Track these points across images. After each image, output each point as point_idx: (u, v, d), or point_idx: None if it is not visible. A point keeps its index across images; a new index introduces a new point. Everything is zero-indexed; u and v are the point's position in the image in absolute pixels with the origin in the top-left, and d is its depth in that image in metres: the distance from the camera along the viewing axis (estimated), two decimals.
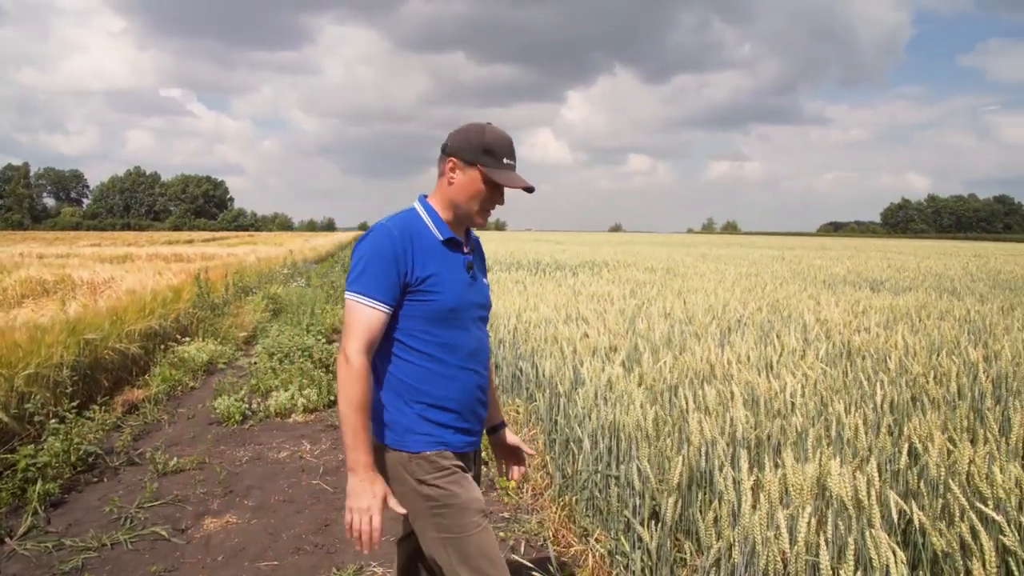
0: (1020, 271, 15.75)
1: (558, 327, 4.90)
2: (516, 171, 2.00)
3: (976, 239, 77.46)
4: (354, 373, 1.82)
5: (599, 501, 3.31)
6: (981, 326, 5.62)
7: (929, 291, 9.32)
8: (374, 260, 1.88)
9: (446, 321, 1.95)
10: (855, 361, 3.98)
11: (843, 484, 2.05)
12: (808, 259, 17.75)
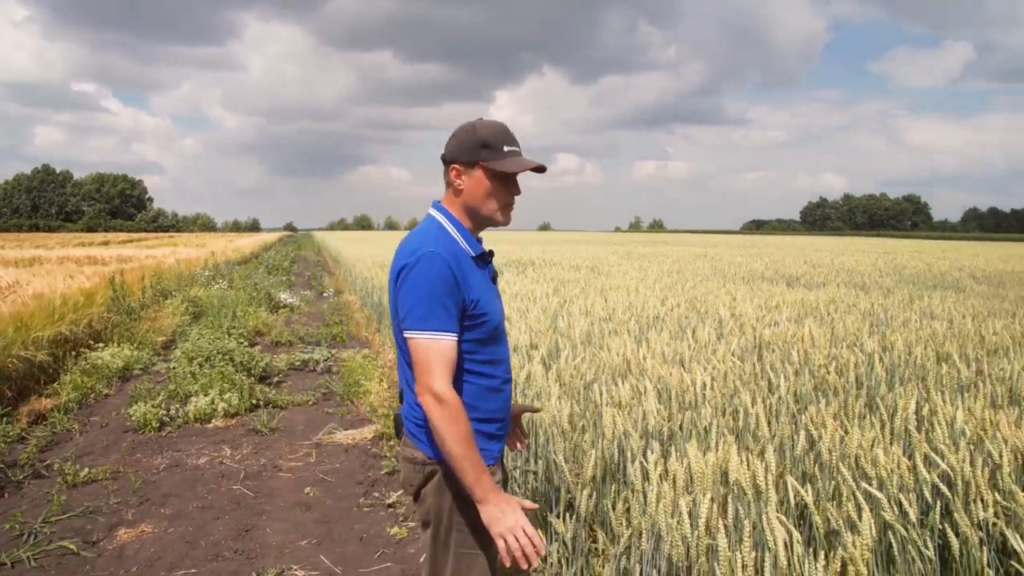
0: (923, 266, 16.61)
1: None
2: (522, 155, 1.93)
3: (887, 236, 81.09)
4: (452, 410, 1.76)
5: (517, 496, 3.36)
6: (883, 318, 5.92)
7: (840, 286, 9.75)
8: (437, 290, 1.81)
9: (492, 339, 1.94)
10: (764, 354, 4.15)
11: (742, 471, 2.15)
12: (729, 256, 18.28)
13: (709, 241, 40.06)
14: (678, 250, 23.47)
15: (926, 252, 25.98)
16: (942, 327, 5.17)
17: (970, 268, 16.19)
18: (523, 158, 1.91)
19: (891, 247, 32.71)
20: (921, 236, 79.20)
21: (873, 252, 24.86)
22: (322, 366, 7.91)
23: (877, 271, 13.84)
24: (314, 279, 19.75)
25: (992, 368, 3.78)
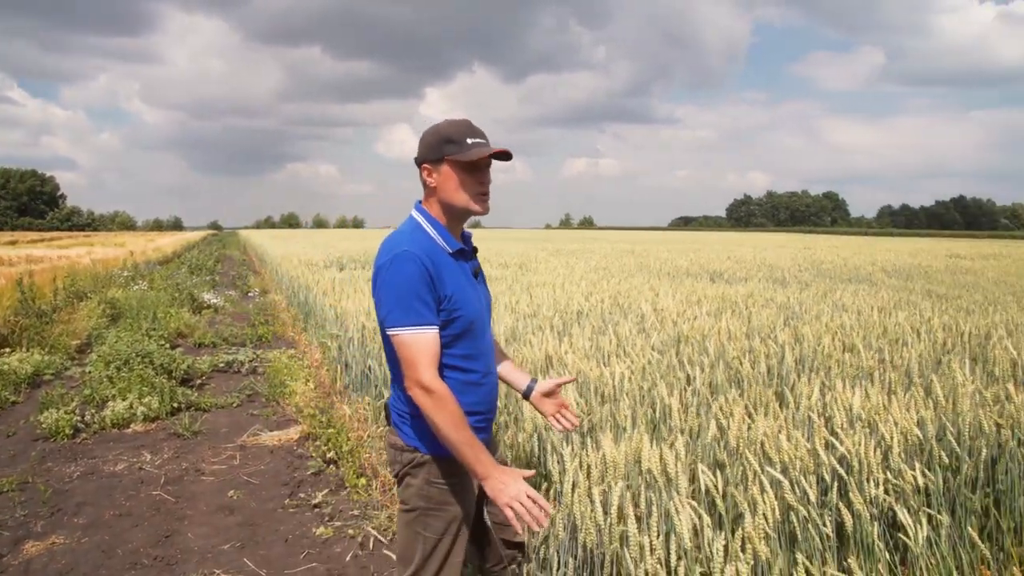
0: (840, 261, 17.31)
1: None
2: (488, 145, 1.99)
3: (807, 231, 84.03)
4: (441, 399, 1.87)
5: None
6: (798, 311, 6.17)
7: (761, 281, 10.09)
8: (413, 287, 1.89)
9: (468, 333, 2.00)
10: (683, 347, 4.29)
11: (653, 460, 2.24)
12: (656, 252, 18.67)
13: (638, 238, 40.80)
14: (606, 247, 23.83)
15: (843, 247, 27.05)
16: (851, 319, 5.43)
17: (882, 263, 16.96)
18: (485, 146, 1.97)
19: (811, 243, 33.93)
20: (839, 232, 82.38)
21: (794, 247, 25.75)
22: (247, 367, 7.77)
23: (796, 266, 14.36)
24: (240, 279, 19.30)
25: (892, 356, 4.00)
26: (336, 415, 5.34)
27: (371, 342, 5.18)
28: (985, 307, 7.04)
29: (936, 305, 7.07)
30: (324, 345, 6.92)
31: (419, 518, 2.05)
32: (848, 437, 2.50)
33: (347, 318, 6.12)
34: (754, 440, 2.48)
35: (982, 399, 2.96)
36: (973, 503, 2.64)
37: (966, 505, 2.63)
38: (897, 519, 2.35)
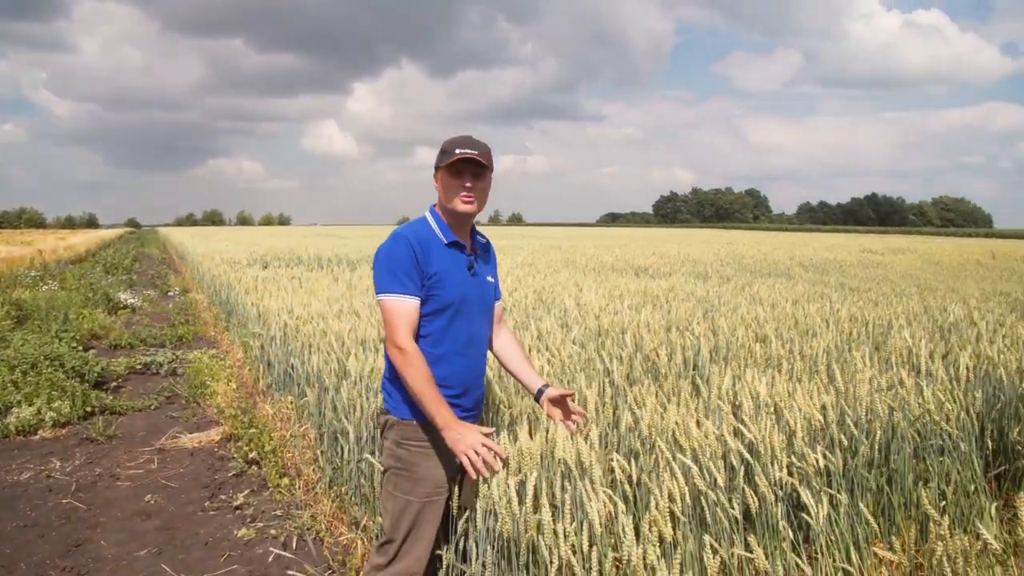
0: (760, 256, 17.88)
1: (329, 322, 4.91)
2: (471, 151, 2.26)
3: (731, 227, 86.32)
4: (411, 357, 2.17)
5: (366, 489, 3.40)
6: (716, 304, 6.36)
7: (684, 275, 10.35)
8: (400, 262, 2.22)
9: (447, 312, 2.28)
10: (604, 341, 4.37)
11: (568, 450, 2.30)
12: (583, 249, 18.90)
13: (566, 234, 41.22)
14: (535, 243, 23.99)
15: (764, 243, 27.94)
16: (765, 311, 5.64)
17: (799, 257, 17.58)
18: (462, 153, 2.25)
19: (734, 238, 34.92)
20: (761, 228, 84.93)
21: (717, 243, 26.45)
22: (166, 368, 7.55)
23: (718, 261, 14.76)
24: (159, 278, 18.70)
25: (802, 347, 4.17)
26: (259, 415, 5.25)
27: (293, 340, 5.11)
28: (891, 299, 7.40)
29: (847, 297, 7.39)
30: (246, 344, 6.79)
31: (391, 477, 2.31)
32: (755, 424, 2.61)
33: (269, 316, 6.02)
34: (666, 429, 2.56)
35: (878, 385, 3.13)
36: (869, 482, 2.80)
37: (862, 484, 2.78)
38: (800, 499, 2.48)
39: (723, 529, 2.35)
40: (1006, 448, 3.34)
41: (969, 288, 10.88)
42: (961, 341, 4.20)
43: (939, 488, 2.92)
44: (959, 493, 2.95)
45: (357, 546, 3.28)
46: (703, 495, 2.35)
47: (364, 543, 3.26)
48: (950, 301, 6.88)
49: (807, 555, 2.48)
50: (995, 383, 3.50)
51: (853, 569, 2.45)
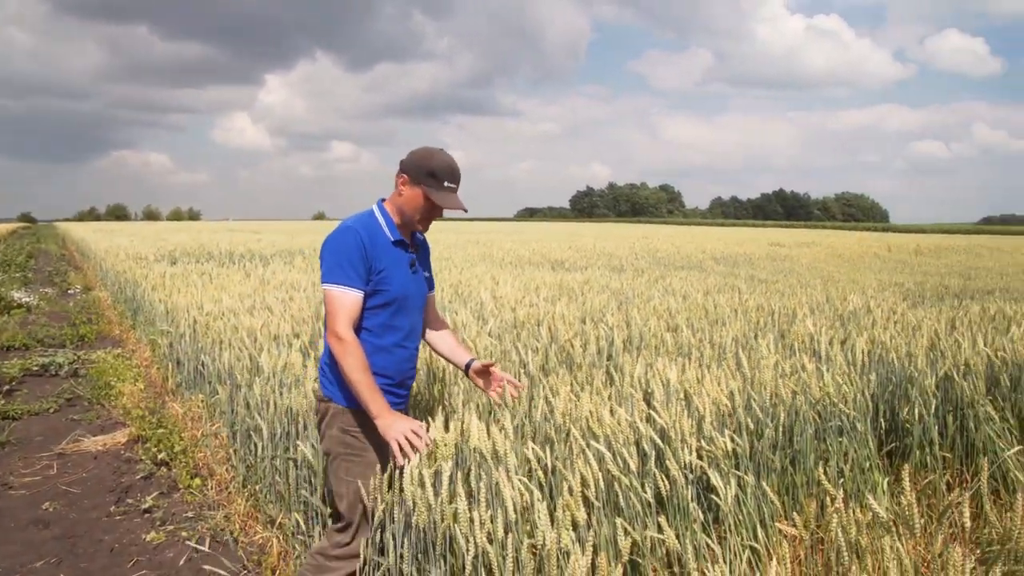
0: (673, 250, 18.35)
1: (240, 317, 4.79)
2: (456, 193, 2.39)
3: (646, 222, 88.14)
4: (349, 346, 2.26)
5: (281, 486, 3.33)
6: (630, 296, 6.50)
7: (600, 268, 10.53)
8: (347, 254, 2.29)
9: (391, 307, 2.39)
10: (520, 333, 4.41)
11: (483, 439, 2.31)
12: (500, 243, 18.98)
13: (483, 228, 41.28)
14: (452, 237, 23.95)
15: (677, 237, 28.68)
16: (677, 302, 5.80)
17: (712, 251, 18.14)
18: (455, 197, 2.38)
19: (649, 232, 35.69)
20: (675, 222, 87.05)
21: (632, 237, 27.00)
22: (67, 369, 7.19)
23: (634, 254, 15.09)
24: (57, 275, 17.77)
25: (711, 335, 4.31)
26: (168, 415, 5.07)
27: (204, 337, 4.96)
28: (796, 290, 7.73)
29: (755, 289, 7.68)
30: (154, 343, 6.55)
31: (341, 463, 2.38)
32: (666, 410, 2.68)
33: (178, 313, 5.82)
34: (580, 417, 2.61)
35: (782, 371, 3.27)
36: (774, 463, 2.92)
37: (768, 465, 2.90)
38: (710, 482, 2.57)
39: (636, 512, 2.41)
40: (897, 427, 3.54)
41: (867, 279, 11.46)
42: (858, 328, 4.43)
43: (838, 466, 3.07)
44: (855, 470, 3.11)
45: (273, 545, 3.21)
46: (616, 480, 2.40)
47: (280, 541, 3.20)
48: (850, 291, 7.23)
49: (717, 535, 2.57)
50: (887, 366, 3.70)
51: (760, 546, 2.55)
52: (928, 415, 3.46)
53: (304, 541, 2.94)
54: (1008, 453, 3.41)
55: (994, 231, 54.94)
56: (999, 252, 23.47)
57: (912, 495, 1.72)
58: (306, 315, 4.90)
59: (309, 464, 2.95)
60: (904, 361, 3.66)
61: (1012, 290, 10.52)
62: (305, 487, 2.99)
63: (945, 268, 14.58)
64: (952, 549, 1.57)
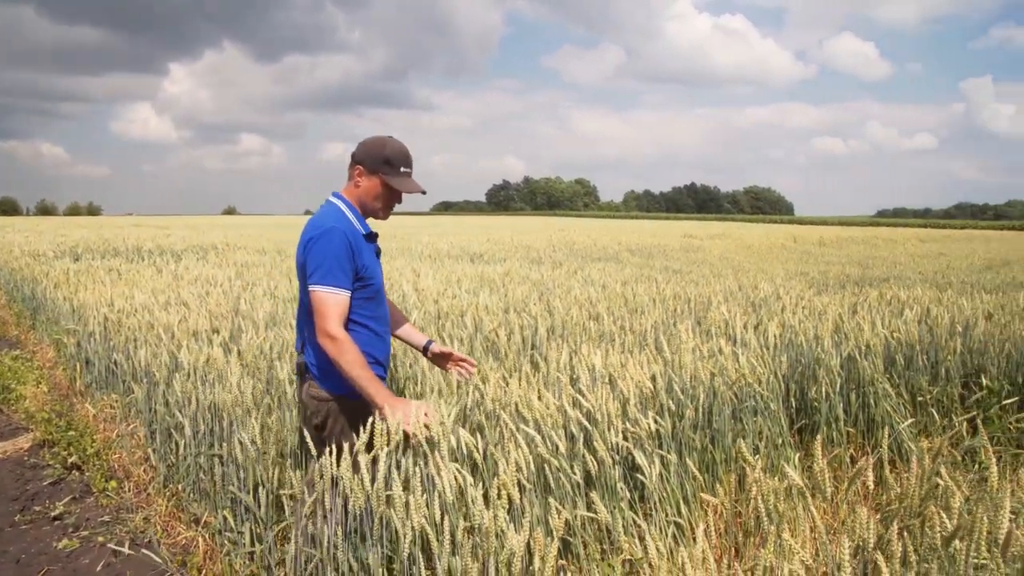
0: (590, 242, 18.66)
1: (155, 314, 4.64)
2: (412, 176, 2.50)
3: (562, 215, 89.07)
4: (344, 344, 2.33)
5: (206, 484, 3.26)
6: (551, 287, 6.61)
7: (519, 261, 10.63)
8: (336, 255, 2.36)
9: (374, 299, 2.52)
10: (445, 324, 4.44)
11: (417, 427, 2.34)
12: (418, 236, 18.91)
13: (400, 223, 41.00)
14: None
15: (593, 230, 29.19)
16: (597, 292, 5.94)
17: (627, 243, 18.55)
18: (412, 181, 2.49)
19: (565, 225, 36.15)
20: (590, 215, 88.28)
21: (550, 230, 27.31)
22: None
23: (551, 247, 15.28)
24: None
25: (632, 323, 4.44)
26: (78, 417, 4.86)
27: (116, 335, 4.78)
28: (710, 279, 8.01)
29: (671, 279, 7.92)
30: (59, 342, 6.25)
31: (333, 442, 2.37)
32: (592, 393, 2.77)
33: (86, 311, 5.58)
34: (509, 403, 2.66)
35: (700, 354, 3.41)
36: (695, 442, 3.05)
37: (689, 444, 3.03)
38: (635, 461, 2.66)
39: (566, 493, 2.48)
40: (806, 405, 3.74)
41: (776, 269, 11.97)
42: (769, 313, 4.64)
43: (753, 444, 3.23)
44: (769, 446, 3.28)
45: (199, 544, 3.14)
46: (547, 462, 2.47)
47: (206, 540, 3.13)
48: (760, 280, 7.55)
49: (643, 511, 2.67)
50: (797, 349, 3.90)
51: (683, 521, 2.67)
52: (834, 393, 3.68)
53: (232, 538, 2.89)
54: (902, 426, 3.66)
55: (887, 223, 58.14)
56: (892, 243, 24.88)
57: (824, 462, 1.84)
58: (224, 310, 4.79)
59: (236, 460, 2.91)
60: (812, 343, 3.87)
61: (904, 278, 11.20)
62: (233, 483, 2.94)
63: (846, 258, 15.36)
64: (859, 510, 1.69)
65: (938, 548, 1.60)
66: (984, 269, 13.87)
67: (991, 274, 12.46)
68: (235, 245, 12.87)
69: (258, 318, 4.47)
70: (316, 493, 2.27)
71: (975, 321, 4.66)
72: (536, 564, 1.85)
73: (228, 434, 3.06)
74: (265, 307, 4.71)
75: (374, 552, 2.10)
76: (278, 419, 3.02)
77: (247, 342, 3.71)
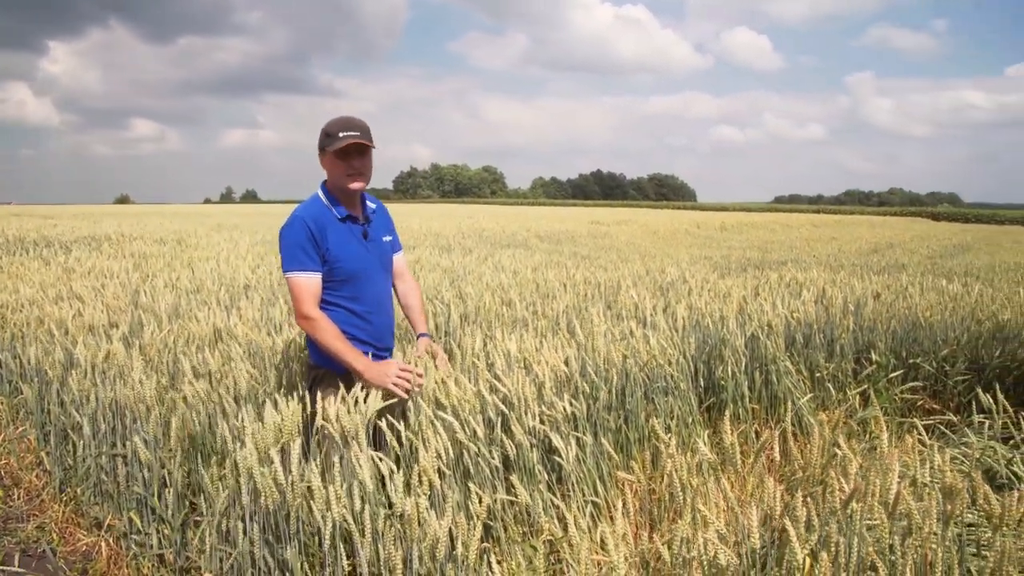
0: (499, 228, 18.72)
1: (46, 308, 4.37)
2: (355, 136, 2.53)
3: (470, 202, 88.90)
4: (319, 322, 2.51)
5: (108, 485, 3.11)
6: (462, 274, 6.60)
7: (428, 248, 10.55)
8: (298, 242, 2.52)
9: (352, 280, 2.62)
10: None
11: (329, 415, 2.30)
12: None
13: None
14: (272, 220, 23.02)
15: (502, 216, 29.29)
16: (508, 278, 5.96)
17: (536, 230, 18.71)
18: (347, 136, 2.52)
19: (474, 212, 36.12)
20: (498, 202, 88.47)
21: (458, 217, 27.23)
22: None
23: (460, 234, 15.25)
24: None
25: (544, 308, 4.49)
26: None
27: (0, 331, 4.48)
28: (618, 264, 8.18)
29: (580, 264, 8.04)
30: None
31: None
32: (508, 378, 2.78)
33: None
34: (426, 389, 2.65)
35: (613, 336, 3.48)
36: (609, 423, 3.12)
37: (604, 425, 3.09)
38: (552, 444, 2.70)
39: (486, 478, 2.50)
40: (714, 384, 3.88)
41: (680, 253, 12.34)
42: (677, 296, 4.78)
43: (665, 423, 3.33)
44: (680, 425, 3.39)
45: (101, 549, 2.99)
46: (465, 448, 2.47)
47: (110, 544, 2.99)
48: (667, 264, 7.76)
49: (560, 493, 2.71)
50: (704, 330, 4.04)
51: (600, 500, 2.73)
52: (739, 372, 3.83)
53: (140, 541, 2.77)
54: (803, 401, 3.84)
55: (783, 209, 60.76)
56: (788, 228, 26.05)
57: (734, 437, 1.92)
58: (123, 303, 4.57)
59: (140, 459, 2.78)
60: (718, 325, 4.01)
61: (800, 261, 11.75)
62: (138, 483, 2.81)
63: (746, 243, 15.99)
64: (767, 481, 1.77)
65: (837, 511, 1.69)
66: (871, 252, 14.73)
67: (877, 256, 13.24)
68: (131, 235, 12.24)
69: (160, 310, 4.28)
70: (228, 490, 2.20)
71: (865, 300, 4.94)
72: (459, 549, 1.85)
73: (131, 432, 2.93)
74: (167, 299, 4.51)
75: (291, 547, 2.05)
76: (183, 414, 2.90)
77: (150, 336, 3.54)
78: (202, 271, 6.08)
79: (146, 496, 2.70)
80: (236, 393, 2.87)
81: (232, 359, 3.05)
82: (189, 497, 2.78)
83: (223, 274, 5.93)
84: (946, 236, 23.45)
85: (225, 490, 2.20)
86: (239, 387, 2.88)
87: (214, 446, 2.76)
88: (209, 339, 3.61)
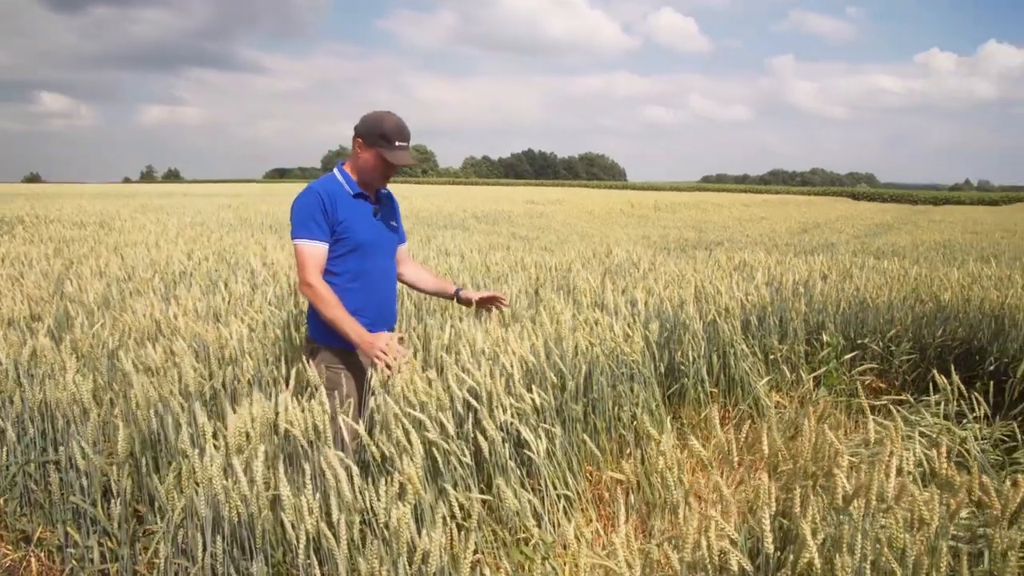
0: (435, 209, 18.50)
1: None
2: (407, 149, 2.71)
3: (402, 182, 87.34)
4: (320, 290, 2.60)
5: (38, 495, 2.86)
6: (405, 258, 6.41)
7: None
8: (310, 211, 2.62)
9: (357, 252, 2.70)
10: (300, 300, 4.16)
11: (295, 416, 2.14)
12: (255, 206, 17.91)
13: (233, 191, 38.78)
14: (200, 201, 22.20)
15: (436, 196, 28.95)
16: (456, 262, 5.82)
17: (472, 210, 18.55)
18: (404, 154, 2.70)
19: (407, 192, 35.62)
20: (430, 182, 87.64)
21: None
22: None
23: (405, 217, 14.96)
24: None
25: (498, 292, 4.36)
26: None
27: None
28: (558, 245, 8.12)
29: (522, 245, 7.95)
30: None
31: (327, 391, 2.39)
32: (475, 370, 2.66)
33: None
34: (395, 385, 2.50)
35: (576, 323, 3.39)
36: (577, 412, 3.03)
37: (572, 415, 3.00)
38: (522, 437, 2.60)
39: (458, 476, 2.38)
40: (674, 369, 3.84)
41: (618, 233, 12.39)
42: (633, 280, 4.72)
43: (631, 410, 3.27)
44: (644, 411, 3.33)
45: (31, 564, 2.75)
46: (435, 445, 2.35)
47: (41, 559, 2.75)
48: (608, 244, 7.73)
49: (532, 487, 2.62)
50: (663, 315, 3.99)
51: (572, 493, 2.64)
52: (699, 357, 3.80)
53: (78, 555, 2.55)
54: (760, 383, 3.85)
55: (711, 188, 62.04)
56: (719, 207, 26.55)
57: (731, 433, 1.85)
58: (46, 293, 4.24)
59: (77, 466, 2.56)
60: (677, 309, 3.97)
61: (736, 240, 11.94)
62: (75, 493, 2.58)
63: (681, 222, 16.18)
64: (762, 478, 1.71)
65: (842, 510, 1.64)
66: (801, 232, 15.08)
67: (808, 236, 13.57)
68: (46, 217, 11.52)
69: (89, 301, 3.98)
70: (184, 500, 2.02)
71: (814, 282, 4.99)
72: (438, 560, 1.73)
73: (65, 436, 2.70)
74: (96, 288, 4.20)
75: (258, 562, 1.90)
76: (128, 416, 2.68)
77: (80, 330, 3.28)
78: (131, 257, 5.72)
79: (86, 507, 2.48)
80: (183, 390, 2.65)
81: (176, 354, 2.84)
82: (134, 506, 2.58)
83: (155, 260, 5.59)
84: (868, 216, 24.29)
85: (182, 499, 2.02)
86: (187, 385, 2.66)
87: (167, 451, 2.55)
88: (148, 332, 3.37)
